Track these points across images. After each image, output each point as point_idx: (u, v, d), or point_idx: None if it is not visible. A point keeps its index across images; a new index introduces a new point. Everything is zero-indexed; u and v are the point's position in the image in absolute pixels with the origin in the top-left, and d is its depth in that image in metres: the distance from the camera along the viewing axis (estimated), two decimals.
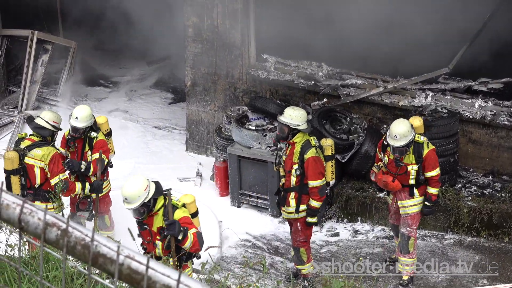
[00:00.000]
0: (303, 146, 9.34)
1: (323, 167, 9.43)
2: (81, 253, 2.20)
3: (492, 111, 11.65)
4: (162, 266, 2.06)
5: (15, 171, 9.50)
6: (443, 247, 10.92)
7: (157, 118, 15.39)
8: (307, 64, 13.01)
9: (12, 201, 2.35)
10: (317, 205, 9.48)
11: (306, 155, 9.30)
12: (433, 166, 9.54)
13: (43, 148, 9.54)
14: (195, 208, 7.91)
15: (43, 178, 9.60)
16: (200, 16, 13.21)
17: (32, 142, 9.62)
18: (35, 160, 9.52)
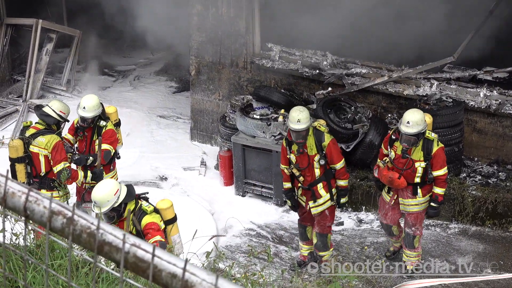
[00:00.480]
0: (315, 135, 9.36)
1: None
2: (86, 241, 2.20)
3: (497, 100, 11.62)
4: (168, 255, 2.06)
5: (20, 159, 9.52)
6: (447, 236, 10.92)
7: (162, 107, 15.39)
8: (312, 53, 12.98)
9: (18, 189, 2.35)
10: (346, 183, 9.66)
11: (324, 142, 9.35)
12: (441, 165, 9.40)
13: (47, 136, 9.54)
14: (172, 214, 7.64)
15: (48, 166, 9.61)
16: (204, 4, 13.18)
17: (37, 130, 9.62)
18: (39, 148, 9.53)
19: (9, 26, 15.65)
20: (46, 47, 15.50)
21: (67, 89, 15.61)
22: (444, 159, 9.43)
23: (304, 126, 9.23)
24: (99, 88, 16.21)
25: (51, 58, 15.74)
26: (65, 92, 15.50)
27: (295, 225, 11.43)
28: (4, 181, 2.35)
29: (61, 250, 5.55)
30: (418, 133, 9.15)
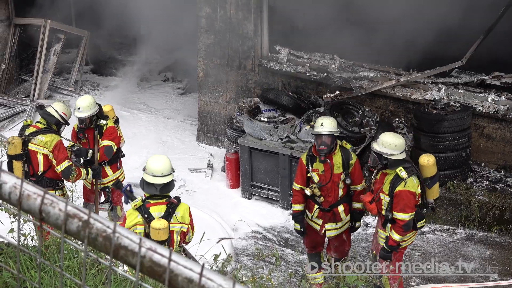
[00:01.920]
0: (343, 153, 9.04)
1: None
2: (102, 245, 2.19)
3: (505, 105, 11.61)
4: (185, 259, 2.05)
5: (17, 156, 9.52)
6: (454, 241, 10.90)
7: (169, 108, 15.40)
8: (320, 56, 12.99)
9: (33, 192, 2.34)
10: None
11: (352, 160, 9.05)
12: (402, 208, 8.50)
13: (47, 135, 9.55)
14: (166, 236, 7.41)
15: (46, 165, 9.62)
16: (213, 7, 13.19)
17: (37, 129, 9.64)
18: (38, 146, 9.54)
19: (17, 26, 15.69)
20: (54, 48, 15.53)
21: (75, 90, 15.63)
22: (409, 206, 8.49)
23: (327, 130, 8.86)
24: (106, 89, 16.23)
25: (59, 59, 15.76)
26: (72, 92, 15.51)
27: None
28: (20, 183, 2.34)
29: (69, 251, 5.55)
30: (382, 154, 8.54)
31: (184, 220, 7.65)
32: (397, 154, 8.52)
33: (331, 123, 8.95)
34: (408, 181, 8.46)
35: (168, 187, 7.74)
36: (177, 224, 7.63)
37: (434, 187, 8.79)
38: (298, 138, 12.00)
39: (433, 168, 8.69)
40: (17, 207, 2.34)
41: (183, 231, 7.71)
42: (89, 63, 17.13)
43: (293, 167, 11.53)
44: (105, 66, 17.33)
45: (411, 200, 8.50)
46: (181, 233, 7.70)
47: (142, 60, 17.79)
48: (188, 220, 7.71)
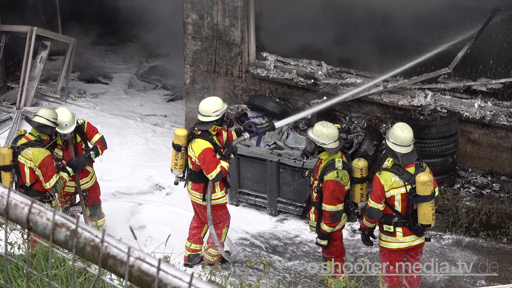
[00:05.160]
0: (326, 165, 8.92)
1: (341, 192, 8.90)
2: (90, 254, 2.19)
3: (492, 111, 11.66)
4: (174, 269, 2.04)
5: (5, 167, 9.51)
6: (441, 247, 10.92)
7: (156, 115, 15.37)
8: (307, 63, 13.00)
9: (21, 201, 2.33)
10: (327, 229, 9.01)
11: (326, 176, 8.87)
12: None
13: (35, 149, 9.48)
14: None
15: (33, 179, 9.58)
16: (199, 13, 13.20)
17: (28, 140, 9.58)
18: (25, 159, 9.49)
19: (3, 33, 15.62)
20: (40, 55, 15.47)
21: (61, 97, 15.57)
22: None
23: (310, 135, 9.01)
24: (93, 96, 16.19)
25: (46, 66, 15.70)
26: (59, 100, 15.46)
27: (288, 235, 11.43)
28: (7, 193, 2.33)
29: (56, 259, 5.52)
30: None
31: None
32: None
33: (318, 131, 8.96)
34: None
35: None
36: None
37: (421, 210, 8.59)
38: (285, 144, 12.01)
39: (423, 187, 8.48)
40: (4, 216, 2.33)
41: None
42: (76, 70, 17.09)
43: (281, 174, 11.54)
44: (92, 73, 17.29)
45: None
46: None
47: (129, 66, 17.78)
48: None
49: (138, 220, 11.27)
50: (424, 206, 8.48)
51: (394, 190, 8.51)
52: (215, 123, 9.50)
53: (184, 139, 9.56)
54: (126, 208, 11.78)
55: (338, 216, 8.96)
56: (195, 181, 9.70)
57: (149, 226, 10.96)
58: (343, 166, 8.87)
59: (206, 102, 9.56)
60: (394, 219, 8.62)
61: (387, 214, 8.64)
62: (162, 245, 6.79)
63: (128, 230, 6.44)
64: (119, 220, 10.99)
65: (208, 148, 9.38)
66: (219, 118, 9.48)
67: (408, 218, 8.62)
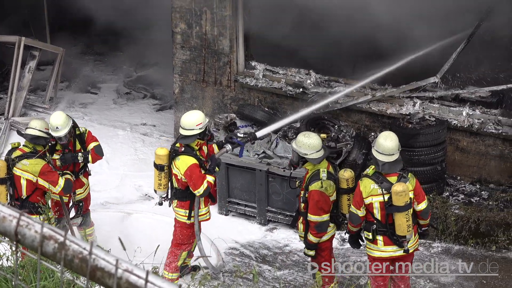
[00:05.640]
0: (311, 175, 8.87)
1: (326, 203, 8.83)
2: (78, 266, 2.19)
3: (480, 119, 11.71)
4: (162, 280, 2.05)
5: (1, 180, 9.45)
6: (430, 255, 10.94)
7: (145, 125, 15.37)
8: (296, 72, 13.02)
9: (9, 214, 2.34)
10: (313, 239, 8.96)
11: (310, 186, 8.80)
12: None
13: (31, 160, 9.47)
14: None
15: (30, 190, 9.54)
16: (188, 23, 13.21)
17: (23, 152, 9.56)
18: (22, 171, 9.45)
19: None
20: (29, 65, 15.45)
21: (50, 107, 15.55)
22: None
23: (293, 145, 9.03)
24: (82, 106, 16.17)
25: (34, 76, 15.68)
26: (48, 110, 15.43)
27: (278, 244, 11.43)
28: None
29: (44, 270, 5.51)
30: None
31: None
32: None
33: (299, 141, 8.95)
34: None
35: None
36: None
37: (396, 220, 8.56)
38: (274, 153, 12.02)
39: (396, 197, 8.43)
40: None
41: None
42: (65, 80, 17.07)
43: (270, 183, 11.55)
44: (80, 83, 17.28)
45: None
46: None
47: (118, 76, 17.77)
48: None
49: (127, 230, 11.24)
50: (398, 217, 8.46)
51: (373, 198, 8.52)
52: (198, 137, 9.41)
53: (166, 158, 9.46)
54: (116, 218, 11.76)
55: (323, 226, 8.91)
56: (181, 199, 9.58)
57: (138, 236, 10.93)
58: (328, 176, 8.83)
59: (188, 116, 9.47)
60: (373, 226, 8.63)
61: (368, 221, 8.67)
62: (151, 255, 6.79)
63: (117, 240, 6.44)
64: (108, 230, 10.97)
65: (194, 164, 9.28)
66: (202, 131, 9.39)
67: (387, 227, 8.62)
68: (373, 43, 11.95)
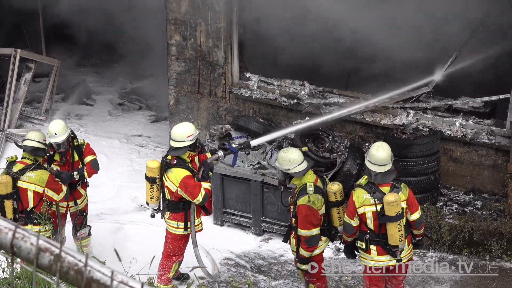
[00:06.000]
0: (299, 190, 8.84)
1: (315, 217, 8.78)
2: (74, 278, 2.20)
3: (473, 129, 11.74)
4: None
5: (8, 195, 9.48)
6: (425, 264, 10.93)
7: (141, 136, 15.37)
8: (290, 83, 13.06)
9: (4, 226, 2.35)
10: (305, 254, 8.91)
11: (298, 201, 8.76)
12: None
13: (37, 172, 9.55)
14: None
15: (36, 201, 9.58)
16: (183, 35, 13.23)
17: (25, 165, 9.59)
18: (28, 183, 9.50)
19: None
20: (24, 77, 15.46)
21: (46, 119, 15.55)
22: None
23: (276, 164, 9.03)
24: (78, 117, 16.18)
25: (30, 88, 15.69)
26: (43, 121, 15.44)
27: (273, 254, 11.43)
28: None
29: (40, 282, 5.51)
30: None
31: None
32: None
33: (280, 157, 8.96)
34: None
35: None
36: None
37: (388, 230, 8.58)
38: (269, 164, 12.03)
39: (388, 207, 8.47)
40: None
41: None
42: (61, 92, 17.08)
43: (265, 193, 11.56)
44: (76, 95, 17.28)
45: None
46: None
47: (114, 88, 17.79)
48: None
49: (122, 241, 11.24)
50: (390, 227, 8.49)
51: (366, 207, 8.53)
52: (188, 149, 9.41)
53: (157, 170, 9.45)
54: (111, 229, 11.76)
55: (313, 240, 8.86)
56: (174, 211, 9.57)
57: (133, 247, 10.93)
58: (315, 190, 8.79)
59: (179, 128, 9.48)
60: (366, 236, 8.64)
61: (362, 230, 8.68)
62: (147, 266, 6.79)
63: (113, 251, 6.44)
64: (104, 240, 10.97)
65: (188, 176, 9.28)
66: (192, 143, 9.39)
67: (380, 237, 8.64)
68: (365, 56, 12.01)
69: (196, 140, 9.50)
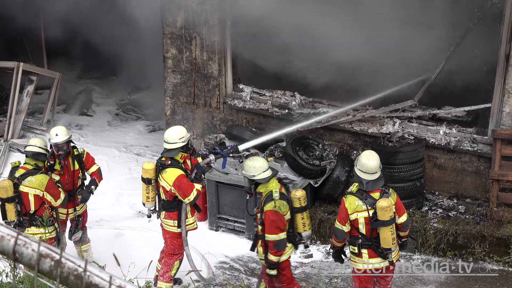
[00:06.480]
0: (265, 197, 8.81)
1: (281, 221, 8.69)
2: (74, 283, 2.18)
3: (456, 137, 11.76)
4: None
5: (9, 199, 9.56)
6: (411, 267, 10.94)
7: (139, 145, 15.36)
8: (281, 94, 13.07)
9: (7, 233, 2.33)
10: (274, 259, 8.79)
11: (265, 207, 8.71)
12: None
13: (37, 176, 9.60)
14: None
15: (38, 205, 9.65)
16: (179, 48, 13.24)
17: (26, 170, 9.66)
18: (29, 188, 9.57)
19: None
20: (27, 89, 15.44)
21: (47, 129, 15.52)
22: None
23: (243, 171, 9.03)
24: (78, 127, 16.16)
25: (32, 100, 15.67)
26: (45, 132, 15.41)
27: None
28: None
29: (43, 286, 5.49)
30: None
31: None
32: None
33: (246, 165, 8.97)
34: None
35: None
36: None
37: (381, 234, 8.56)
38: None
39: (382, 212, 8.45)
40: None
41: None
42: (61, 103, 17.06)
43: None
44: (76, 106, 17.27)
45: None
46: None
47: (113, 99, 17.77)
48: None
49: (121, 246, 11.21)
50: (383, 231, 8.50)
51: (358, 213, 8.53)
52: (181, 150, 9.51)
53: (152, 172, 9.56)
54: (111, 235, 11.73)
55: (281, 244, 8.79)
56: (169, 210, 9.63)
57: (132, 251, 10.91)
58: (281, 197, 8.77)
59: (171, 131, 9.62)
60: (358, 240, 8.64)
61: (353, 235, 8.67)
62: (145, 270, 6.76)
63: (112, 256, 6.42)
64: (104, 246, 10.95)
65: (182, 175, 9.38)
66: (184, 144, 9.51)
67: (372, 240, 8.65)
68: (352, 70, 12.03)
69: (188, 142, 9.60)
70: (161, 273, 9.76)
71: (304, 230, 8.97)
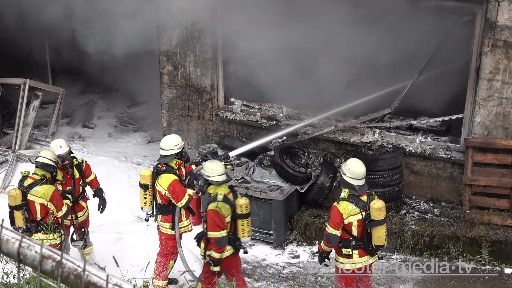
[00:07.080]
0: (212, 198, 8.89)
1: (221, 221, 8.69)
2: (73, 282, 2.21)
3: (431, 145, 11.81)
4: None
5: (17, 206, 9.59)
6: (390, 265, 10.97)
7: (137, 155, 15.36)
8: (269, 106, 13.10)
9: (12, 236, 2.36)
10: (216, 255, 8.80)
11: (208, 206, 8.78)
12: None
13: (43, 187, 9.64)
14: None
15: (43, 213, 9.68)
16: (174, 65, 13.27)
17: (34, 180, 9.69)
18: (35, 197, 9.62)
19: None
20: (33, 104, 15.44)
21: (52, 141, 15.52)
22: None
23: (201, 170, 9.15)
24: (81, 139, 16.15)
25: (38, 113, 15.67)
26: (50, 143, 15.40)
27: (256, 258, 11.41)
28: (0, 229, 2.35)
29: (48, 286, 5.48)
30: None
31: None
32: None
33: (205, 165, 9.06)
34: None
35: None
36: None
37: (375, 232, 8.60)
38: (252, 178, 12.05)
39: (377, 212, 8.52)
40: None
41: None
42: (65, 117, 17.05)
43: None
44: (79, 119, 17.26)
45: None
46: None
47: (113, 113, 17.77)
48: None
49: (121, 249, 11.19)
50: (378, 229, 8.54)
51: (352, 217, 8.55)
52: (176, 157, 9.56)
53: (149, 177, 9.59)
54: (112, 238, 11.71)
55: (222, 242, 8.78)
56: (164, 213, 9.69)
57: (131, 254, 10.89)
58: (224, 200, 8.78)
59: (167, 139, 9.71)
60: (352, 242, 8.66)
61: (345, 239, 8.67)
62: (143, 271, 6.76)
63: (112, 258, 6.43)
64: (105, 249, 10.92)
65: (176, 180, 9.45)
66: (179, 151, 9.58)
67: (363, 240, 8.67)
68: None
69: (182, 150, 9.68)
70: (157, 272, 9.80)
71: (243, 236, 8.94)
